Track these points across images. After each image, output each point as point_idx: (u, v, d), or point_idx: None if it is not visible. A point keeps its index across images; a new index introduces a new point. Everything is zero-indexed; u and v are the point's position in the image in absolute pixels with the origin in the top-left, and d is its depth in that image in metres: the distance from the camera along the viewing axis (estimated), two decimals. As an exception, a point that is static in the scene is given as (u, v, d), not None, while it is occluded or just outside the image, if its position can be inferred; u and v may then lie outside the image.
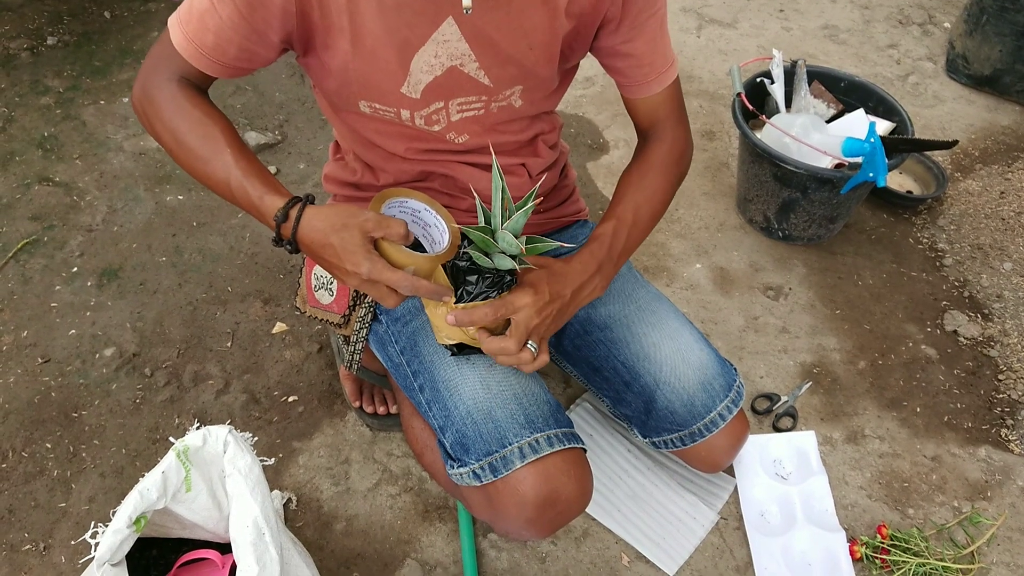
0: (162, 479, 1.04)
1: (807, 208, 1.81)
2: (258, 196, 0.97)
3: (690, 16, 2.75)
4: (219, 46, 0.98)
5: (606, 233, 1.12)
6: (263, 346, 1.63)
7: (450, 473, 1.11)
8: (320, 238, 0.94)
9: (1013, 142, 2.29)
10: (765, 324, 1.75)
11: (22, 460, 1.43)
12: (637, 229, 1.15)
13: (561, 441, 1.08)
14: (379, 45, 0.97)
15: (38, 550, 1.31)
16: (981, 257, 1.93)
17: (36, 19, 2.44)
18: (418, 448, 1.30)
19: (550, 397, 1.15)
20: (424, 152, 1.15)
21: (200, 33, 0.98)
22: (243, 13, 0.94)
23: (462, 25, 0.97)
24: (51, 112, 2.13)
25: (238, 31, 0.96)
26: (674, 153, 1.19)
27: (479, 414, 1.08)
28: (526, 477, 1.05)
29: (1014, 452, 1.54)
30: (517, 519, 1.07)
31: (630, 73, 1.13)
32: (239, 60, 1.00)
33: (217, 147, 0.99)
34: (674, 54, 1.15)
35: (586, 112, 2.30)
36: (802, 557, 1.35)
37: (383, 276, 0.92)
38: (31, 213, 1.86)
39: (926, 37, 2.73)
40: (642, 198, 1.16)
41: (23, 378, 1.55)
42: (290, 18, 0.95)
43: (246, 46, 0.98)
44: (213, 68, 1.01)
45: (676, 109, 1.20)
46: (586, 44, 1.09)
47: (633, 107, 1.19)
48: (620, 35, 1.07)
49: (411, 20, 0.95)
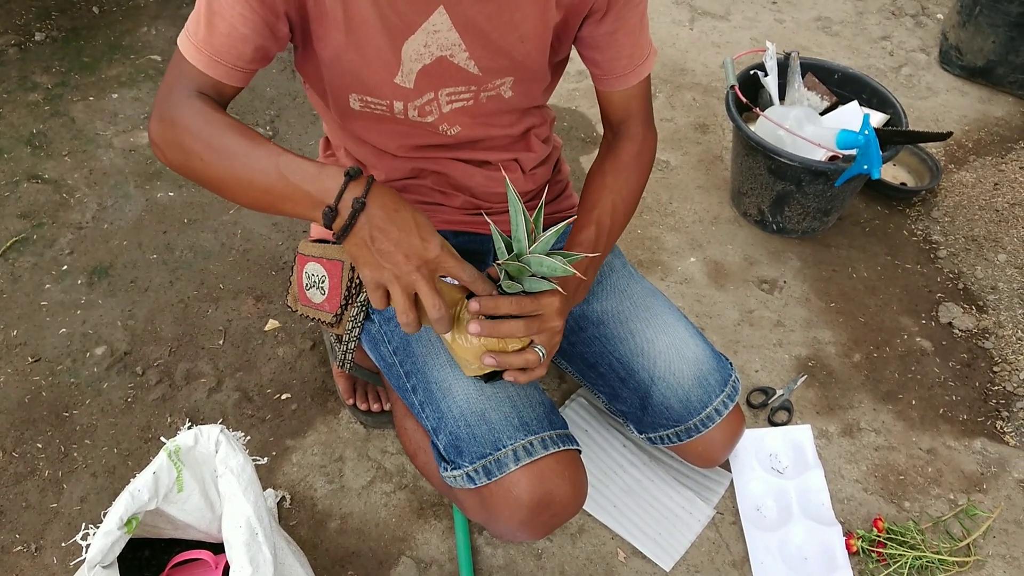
0: (153, 479, 1.03)
1: (801, 201, 1.80)
2: (315, 170, 0.88)
3: (683, 8, 2.74)
4: (234, 48, 0.94)
5: (588, 239, 1.10)
6: (255, 343, 1.62)
7: (443, 475, 1.10)
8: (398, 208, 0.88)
9: (1007, 133, 2.29)
10: (760, 318, 1.74)
11: (13, 460, 1.42)
12: (615, 229, 1.14)
13: (555, 443, 1.07)
14: (372, 34, 0.96)
15: (29, 551, 1.30)
16: (975, 249, 1.93)
17: (24, 15, 2.42)
18: (411, 449, 1.30)
19: (544, 398, 1.14)
20: (416, 149, 1.14)
21: (211, 39, 0.94)
22: (254, 7, 0.91)
23: (453, 15, 0.96)
24: (39, 109, 2.11)
25: (250, 26, 0.92)
26: (646, 152, 1.19)
27: (472, 416, 1.07)
28: (520, 480, 1.04)
29: (1009, 444, 1.54)
30: (511, 521, 1.06)
31: (608, 65, 1.11)
32: (254, 61, 0.96)
33: (256, 139, 0.91)
34: (653, 47, 1.14)
35: (579, 106, 2.29)
36: (798, 551, 1.35)
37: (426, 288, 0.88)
38: (20, 211, 1.84)
39: (919, 28, 2.72)
40: (618, 199, 1.14)
41: (13, 377, 1.53)
42: (291, 6, 0.94)
43: (260, 43, 0.94)
44: (231, 75, 0.96)
45: (647, 103, 1.19)
46: (571, 36, 1.08)
47: (607, 100, 1.18)
48: (604, 26, 1.05)
49: (402, 9, 0.94)
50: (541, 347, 0.98)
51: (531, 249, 0.91)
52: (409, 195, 1.22)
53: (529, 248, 0.91)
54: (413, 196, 1.22)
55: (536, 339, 0.98)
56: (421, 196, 1.22)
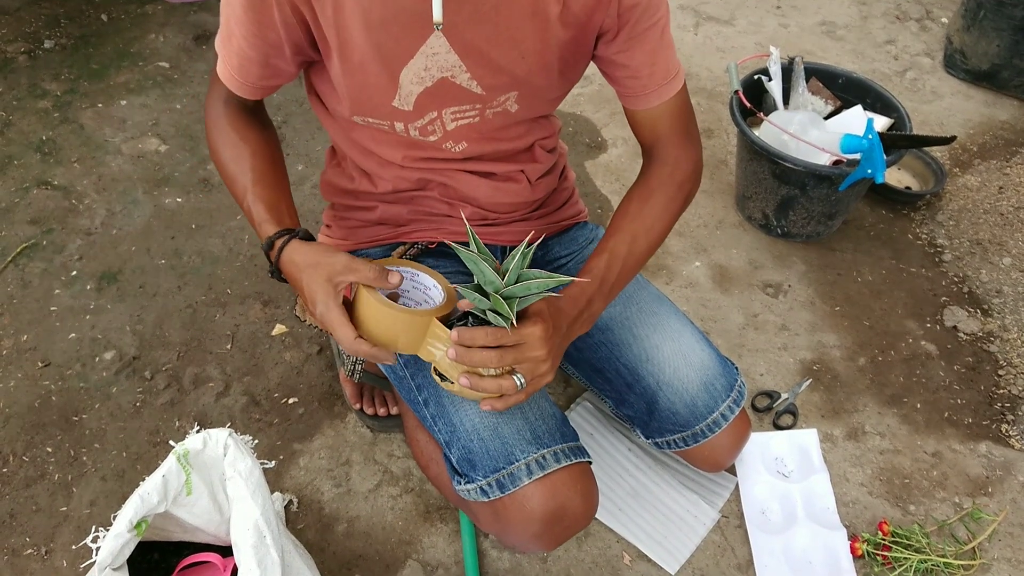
0: (162, 483, 1.04)
1: (806, 205, 1.81)
2: (259, 223, 1.03)
3: (687, 13, 2.75)
4: (243, 66, 1.02)
5: (598, 267, 1.07)
6: (263, 348, 1.63)
7: (457, 489, 1.10)
8: (294, 272, 0.99)
9: (1011, 137, 2.29)
10: (765, 322, 1.74)
11: (23, 464, 1.43)
12: (632, 259, 1.10)
13: (568, 456, 1.07)
14: (367, 60, 0.97)
15: (40, 554, 1.31)
16: (980, 252, 1.93)
17: (33, 22, 2.44)
18: (423, 461, 1.30)
19: (556, 410, 1.14)
20: (422, 160, 1.14)
21: (228, 56, 1.02)
22: (252, 42, 0.98)
23: (451, 37, 0.95)
24: (49, 116, 2.13)
25: (256, 49, 0.99)
26: (677, 176, 1.13)
27: (485, 430, 1.07)
28: (533, 494, 1.04)
29: (1015, 447, 1.54)
30: (524, 534, 1.07)
31: (627, 83, 1.09)
32: (263, 78, 1.04)
33: (241, 168, 1.06)
34: (680, 66, 1.10)
35: (584, 111, 2.30)
36: (803, 555, 1.35)
37: (331, 325, 0.94)
38: (30, 217, 1.86)
39: (924, 32, 2.72)
40: (640, 228, 1.10)
41: (23, 382, 1.54)
42: (293, 29, 0.96)
43: (268, 62, 1.01)
44: (244, 89, 1.05)
45: (681, 125, 1.13)
46: (587, 53, 1.06)
47: (633, 119, 1.15)
48: (616, 45, 1.03)
49: (398, 34, 0.94)
50: (520, 376, 0.95)
51: (504, 284, 0.90)
52: (416, 207, 1.22)
53: (504, 285, 0.90)
54: (420, 208, 1.22)
55: (517, 368, 0.96)
56: (428, 208, 1.22)
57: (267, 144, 1.10)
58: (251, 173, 1.05)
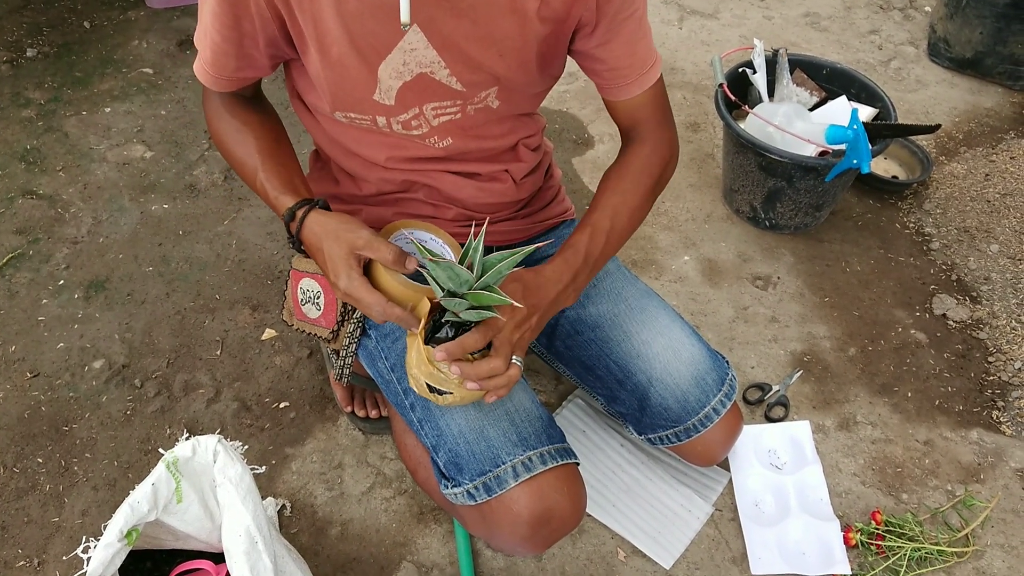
0: (152, 491, 1.03)
1: (793, 197, 1.81)
2: (275, 195, 1.04)
3: (671, 7, 2.75)
4: (217, 60, 1.02)
5: (581, 241, 1.09)
6: (253, 353, 1.62)
7: (444, 492, 1.10)
8: (315, 242, 1.00)
9: (996, 124, 2.30)
10: (755, 314, 1.75)
11: (14, 476, 1.42)
12: (614, 234, 1.11)
13: (554, 458, 1.07)
14: (344, 53, 0.96)
15: (32, 566, 1.31)
16: (968, 240, 1.93)
17: (15, 31, 2.43)
18: (411, 465, 1.30)
19: (542, 412, 1.14)
20: (406, 161, 1.13)
21: (203, 50, 1.02)
22: (225, 35, 0.97)
23: (428, 32, 0.95)
24: (33, 124, 2.12)
25: (230, 42, 0.98)
26: (655, 156, 1.16)
27: (471, 433, 1.07)
28: (520, 496, 1.04)
29: (1006, 434, 1.55)
30: (512, 537, 1.07)
31: (608, 76, 1.10)
32: (238, 70, 1.04)
33: (248, 151, 1.08)
34: (656, 54, 1.12)
35: (570, 107, 2.30)
36: (796, 546, 1.35)
37: (358, 294, 0.95)
38: (15, 227, 1.85)
39: (907, 22, 2.73)
40: (620, 202, 1.12)
41: (12, 393, 1.54)
42: (268, 23, 0.95)
43: (242, 52, 1.00)
44: (219, 83, 1.06)
45: (659, 111, 1.16)
46: (563, 48, 1.06)
47: (613, 108, 1.16)
48: (595, 38, 1.04)
49: (374, 29, 0.94)
50: (516, 357, 0.98)
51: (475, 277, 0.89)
52: (401, 209, 1.22)
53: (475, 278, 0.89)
54: (406, 210, 1.22)
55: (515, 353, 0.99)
56: (414, 210, 1.22)
57: (270, 125, 1.12)
58: (258, 154, 1.07)
